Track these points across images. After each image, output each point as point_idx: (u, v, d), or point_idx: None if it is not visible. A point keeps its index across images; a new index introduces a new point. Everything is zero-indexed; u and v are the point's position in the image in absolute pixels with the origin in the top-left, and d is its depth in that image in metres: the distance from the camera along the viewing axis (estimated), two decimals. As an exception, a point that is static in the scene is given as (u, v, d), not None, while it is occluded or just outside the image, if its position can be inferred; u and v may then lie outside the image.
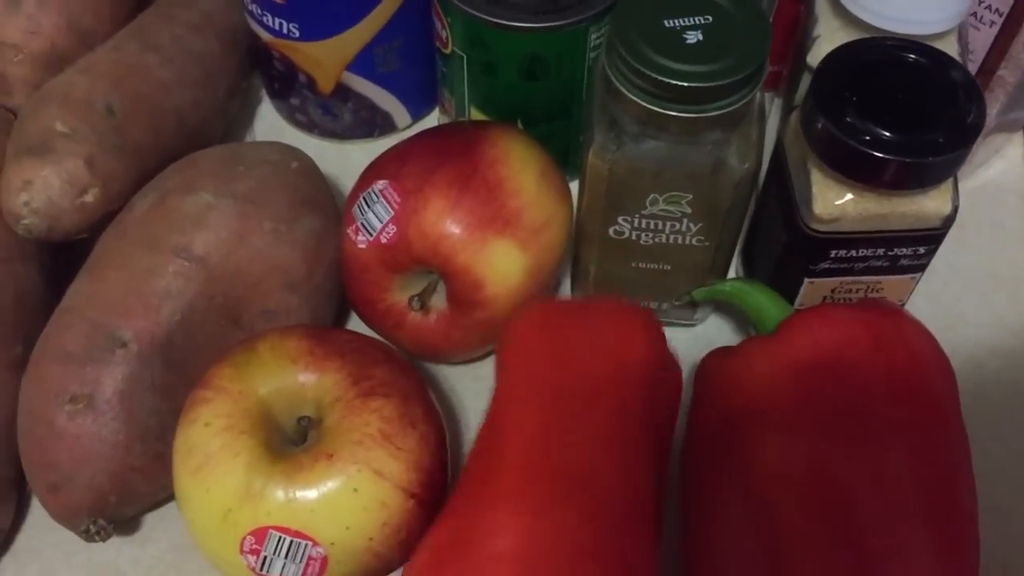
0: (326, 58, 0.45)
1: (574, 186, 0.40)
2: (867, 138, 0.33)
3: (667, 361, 0.36)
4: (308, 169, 0.41)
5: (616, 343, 0.35)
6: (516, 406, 0.34)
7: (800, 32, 0.42)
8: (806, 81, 0.39)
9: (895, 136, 0.33)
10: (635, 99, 0.34)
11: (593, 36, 0.41)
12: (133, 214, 0.38)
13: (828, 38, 0.38)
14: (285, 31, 0.44)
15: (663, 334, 0.36)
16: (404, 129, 0.50)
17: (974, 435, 0.34)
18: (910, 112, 0.33)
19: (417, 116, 0.50)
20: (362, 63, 0.45)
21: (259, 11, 0.44)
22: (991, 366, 0.43)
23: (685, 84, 0.33)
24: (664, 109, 0.34)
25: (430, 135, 0.41)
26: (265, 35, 0.45)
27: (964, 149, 0.33)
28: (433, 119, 0.50)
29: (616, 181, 0.37)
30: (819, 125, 0.34)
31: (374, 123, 0.49)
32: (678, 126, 0.34)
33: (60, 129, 0.38)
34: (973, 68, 0.42)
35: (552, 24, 0.40)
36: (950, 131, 0.33)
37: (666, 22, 0.34)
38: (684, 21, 0.34)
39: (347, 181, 0.48)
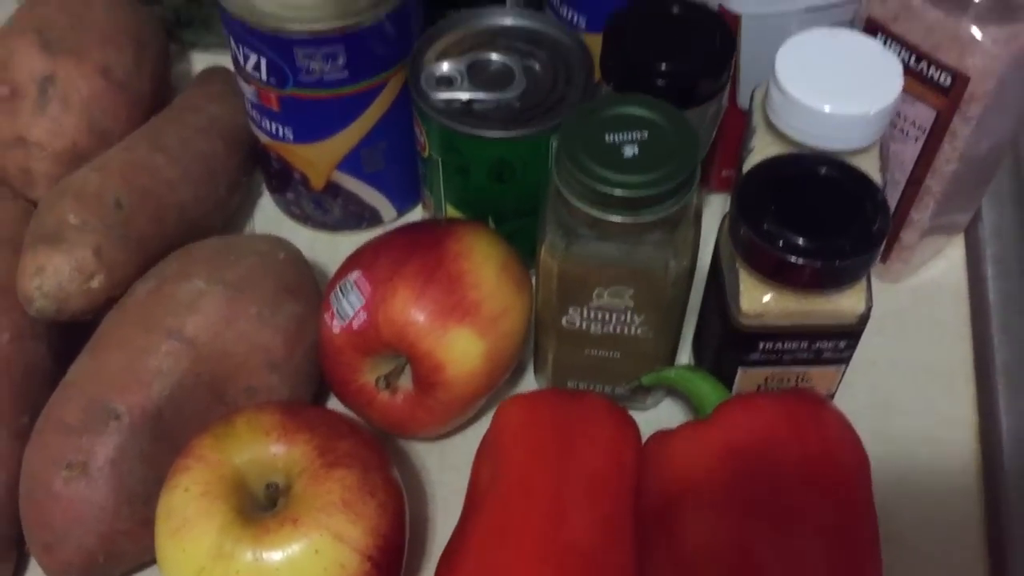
0: (317, 159, 0.50)
1: (534, 279, 0.44)
2: (783, 244, 0.37)
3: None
4: (294, 259, 0.46)
5: (612, 442, 0.40)
6: (526, 486, 0.38)
7: (740, 150, 0.46)
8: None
9: (807, 242, 0.36)
10: (580, 206, 0.38)
11: (554, 143, 0.45)
12: (133, 298, 0.42)
13: (761, 151, 0.42)
14: (280, 134, 0.49)
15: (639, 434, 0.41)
16: (390, 222, 0.54)
17: (902, 519, 0.37)
18: (822, 221, 0.37)
19: (403, 210, 0.55)
20: (350, 163, 0.50)
21: (258, 116, 0.49)
22: (923, 453, 0.45)
23: (623, 193, 0.37)
24: (606, 215, 0.38)
25: (404, 231, 0.45)
26: (263, 137, 0.50)
27: (870, 253, 0.36)
28: (418, 213, 0.55)
29: (565, 276, 0.41)
30: (741, 231, 0.38)
31: (362, 216, 0.53)
32: (620, 229, 0.38)
33: (72, 221, 0.43)
34: (902, 178, 0.46)
35: (517, 133, 0.44)
36: (857, 237, 0.37)
37: (607, 136, 0.39)
38: (623, 136, 0.39)
39: (335, 269, 0.53)
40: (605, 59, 0.44)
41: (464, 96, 0.45)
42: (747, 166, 0.43)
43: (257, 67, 0.46)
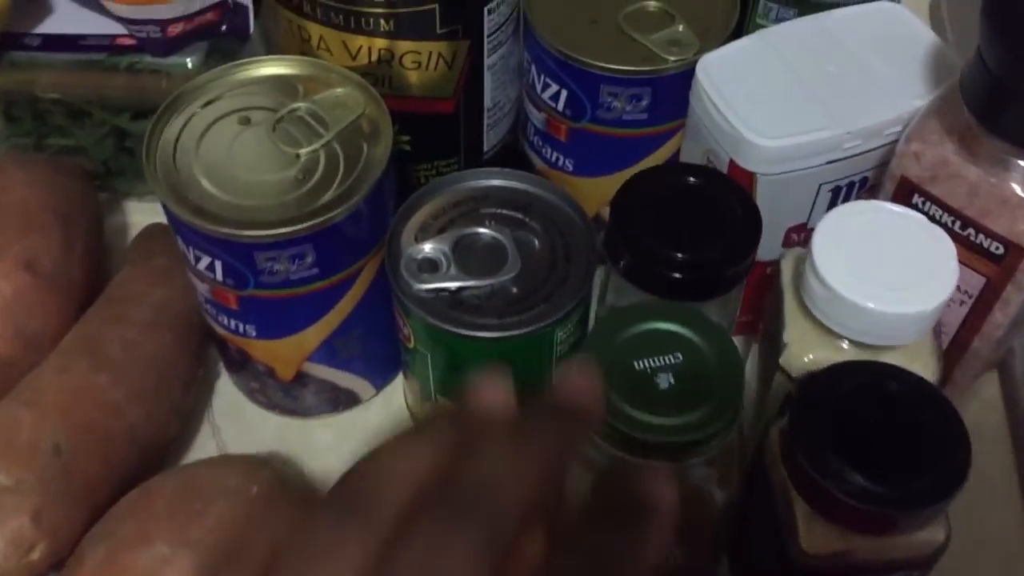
0: (284, 353, 0.44)
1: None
2: (853, 489, 0.31)
3: None
4: (271, 491, 0.39)
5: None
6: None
7: (768, 330, 0.41)
8: (779, 382, 0.38)
9: (884, 487, 0.31)
10: (610, 449, 0.33)
11: (560, 335, 0.40)
12: (84, 570, 0.36)
13: (799, 346, 0.37)
14: (241, 331, 0.43)
15: None
16: (369, 399, 0.48)
17: None
18: (899, 456, 0.32)
19: (381, 386, 0.49)
20: (322, 354, 0.44)
21: (214, 311, 0.43)
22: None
23: (663, 439, 0.32)
24: (640, 459, 0.33)
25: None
26: (220, 331, 0.44)
27: (955, 493, 0.32)
28: (398, 384, 0.49)
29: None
30: (801, 467, 0.33)
31: (337, 400, 0.47)
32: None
33: (3, 482, 0.36)
34: (945, 340, 0.42)
35: (518, 332, 0.39)
36: (941, 475, 0.32)
37: (636, 363, 0.33)
38: (655, 362, 0.33)
39: (312, 462, 0.46)
40: (613, 239, 0.38)
41: (452, 285, 0.39)
42: (786, 360, 0.38)
43: (211, 268, 0.40)
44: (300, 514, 0.26)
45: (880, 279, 0.35)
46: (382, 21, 0.40)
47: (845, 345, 0.37)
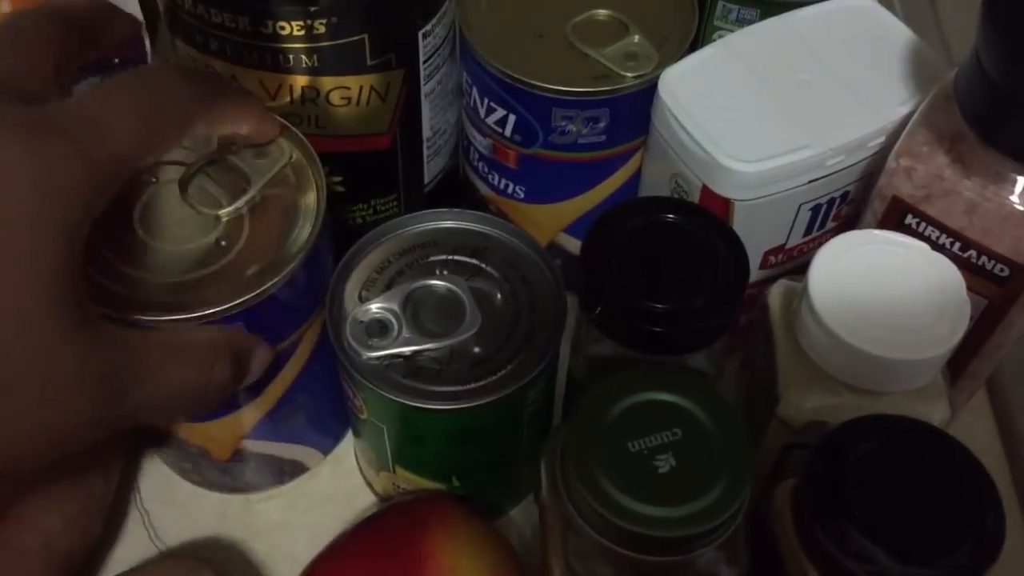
0: (219, 433, 0.38)
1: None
2: (883, 572, 0.28)
3: None
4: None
5: None
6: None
7: (753, 365, 0.37)
8: (775, 431, 0.35)
9: (916, 568, 0.28)
10: (607, 544, 0.29)
11: (531, 395, 0.36)
12: None
13: (796, 389, 0.34)
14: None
15: None
16: (317, 465, 0.44)
17: None
18: (928, 524, 0.29)
19: (330, 451, 0.44)
20: (261, 431, 0.39)
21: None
22: None
23: (670, 533, 0.28)
24: (640, 555, 0.29)
25: (362, 542, 0.35)
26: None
27: (989, 568, 0.28)
28: (348, 444, 0.44)
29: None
30: (822, 548, 0.29)
31: (282, 472, 0.42)
32: (659, 565, 0.29)
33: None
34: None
35: (482, 400, 0.34)
36: (975, 548, 0.28)
37: (631, 445, 0.29)
38: (651, 441, 0.29)
39: (257, 543, 0.42)
40: (587, 287, 0.34)
41: (406, 350, 0.35)
42: (784, 409, 0.34)
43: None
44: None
45: (887, 321, 0.32)
46: (303, 57, 0.35)
47: (843, 390, 0.34)
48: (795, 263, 0.41)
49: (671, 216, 0.34)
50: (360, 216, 0.42)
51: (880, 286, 0.32)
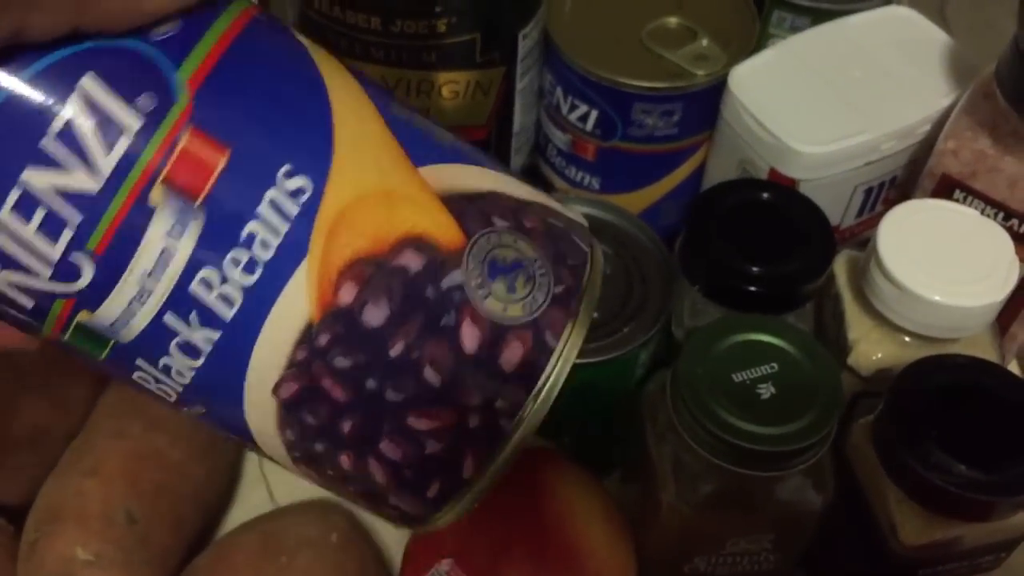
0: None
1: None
2: (960, 481, 0.32)
3: None
4: (349, 537, 0.38)
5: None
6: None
7: (818, 329, 0.42)
8: (847, 381, 0.39)
9: (990, 476, 0.32)
10: (714, 461, 0.33)
11: (643, 356, 0.40)
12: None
13: (865, 342, 0.38)
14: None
15: None
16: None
17: None
18: (997, 442, 0.33)
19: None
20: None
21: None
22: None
23: (771, 448, 0.32)
24: (746, 470, 0.33)
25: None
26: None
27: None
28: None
29: (691, 531, 0.35)
30: (902, 462, 0.33)
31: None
32: (761, 479, 0.33)
33: (82, 557, 0.34)
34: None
35: (605, 358, 0.38)
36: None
37: (735, 376, 0.33)
38: (753, 373, 0.34)
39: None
40: (688, 257, 0.39)
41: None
42: (855, 360, 0.39)
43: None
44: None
45: (946, 274, 0.36)
46: (423, 54, 0.40)
47: (908, 339, 0.38)
48: (847, 245, 0.46)
49: (765, 195, 0.39)
50: (453, 205, 0.46)
51: (939, 245, 0.37)
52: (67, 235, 0.21)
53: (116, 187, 0.20)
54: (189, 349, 0.22)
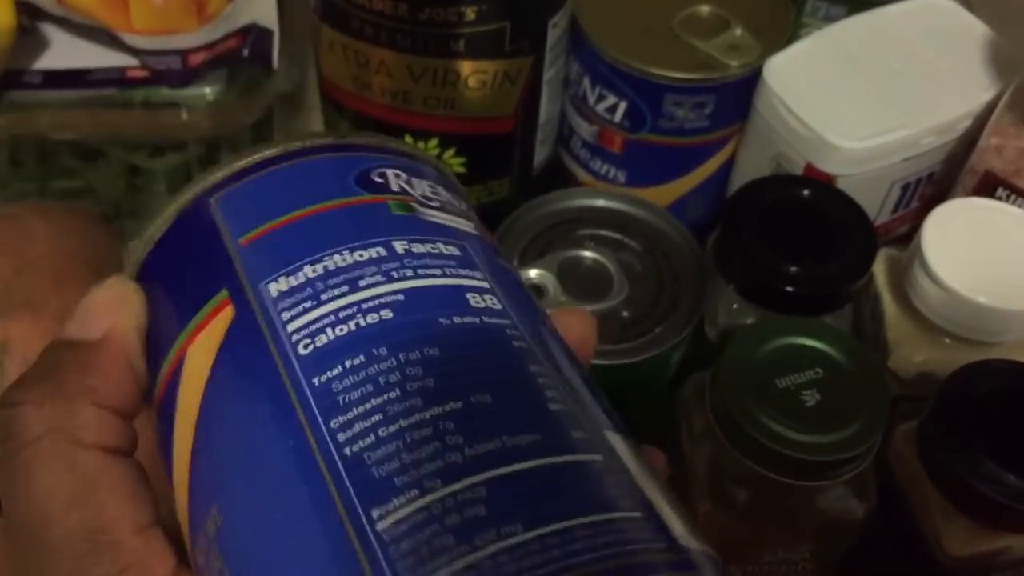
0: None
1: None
2: (1011, 489, 0.31)
3: None
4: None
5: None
6: None
7: (863, 327, 0.40)
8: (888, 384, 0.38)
9: (1041, 487, 0.31)
10: (757, 469, 0.32)
11: (675, 358, 0.39)
12: None
13: (906, 344, 0.37)
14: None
15: None
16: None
17: None
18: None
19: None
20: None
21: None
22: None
23: (819, 457, 0.31)
24: (790, 480, 0.32)
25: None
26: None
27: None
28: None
29: (729, 540, 0.34)
30: (952, 474, 0.32)
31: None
32: (803, 488, 0.32)
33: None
34: None
35: (638, 359, 0.37)
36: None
37: (778, 381, 0.32)
38: (797, 378, 0.32)
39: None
40: (724, 256, 0.37)
41: (558, 312, 0.38)
42: (895, 362, 0.38)
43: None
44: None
45: (991, 276, 0.35)
46: (451, 42, 0.38)
47: (950, 342, 0.37)
48: (881, 241, 0.44)
49: (804, 191, 0.38)
50: (475, 197, 0.45)
51: (985, 246, 0.36)
52: None
53: None
54: None
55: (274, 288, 0.21)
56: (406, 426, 0.18)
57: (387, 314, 0.20)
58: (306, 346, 0.20)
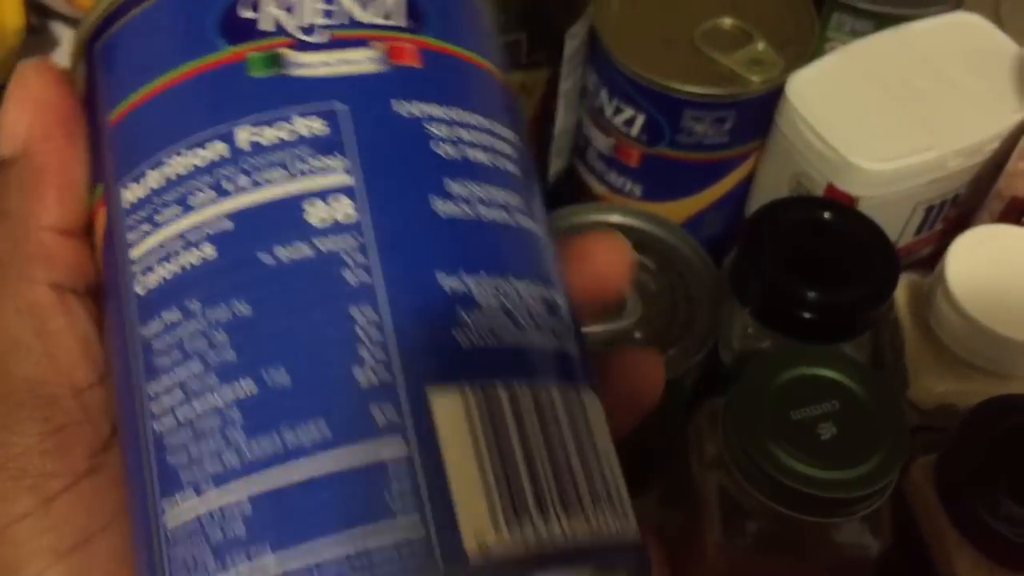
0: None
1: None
2: (1033, 534, 0.30)
3: None
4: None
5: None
6: None
7: (882, 354, 0.39)
8: (906, 414, 0.37)
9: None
10: (769, 503, 0.31)
11: (688, 381, 0.38)
12: None
13: (927, 375, 0.36)
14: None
15: None
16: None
17: None
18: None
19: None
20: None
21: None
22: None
23: (836, 495, 0.30)
24: (804, 516, 0.31)
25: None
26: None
27: None
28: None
29: (742, 571, 0.33)
30: (972, 515, 0.31)
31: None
32: (817, 524, 0.31)
33: None
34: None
35: None
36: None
37: (793, 413, 0.31)
38: (812, 410, 0.31)
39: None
40: (741, 278, 0.36)
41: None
42: (916, 396, 0.37)
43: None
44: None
45: (1017, 307, 0.34)
46: (466, 53, 0.37)
47: (972, 373, 0.36)
48: (903, 264, 0.43)
49: (825, 214, 0.37)
50: (488, 209, 0.44)
51: (1012, 276, 0.35)
52: None
53: None
54: None
55: (125, 197, 0.17)
56: (200, 412, 0.16)
57: (209, 252, 0.16)
58: (140, 284, 0.17)
